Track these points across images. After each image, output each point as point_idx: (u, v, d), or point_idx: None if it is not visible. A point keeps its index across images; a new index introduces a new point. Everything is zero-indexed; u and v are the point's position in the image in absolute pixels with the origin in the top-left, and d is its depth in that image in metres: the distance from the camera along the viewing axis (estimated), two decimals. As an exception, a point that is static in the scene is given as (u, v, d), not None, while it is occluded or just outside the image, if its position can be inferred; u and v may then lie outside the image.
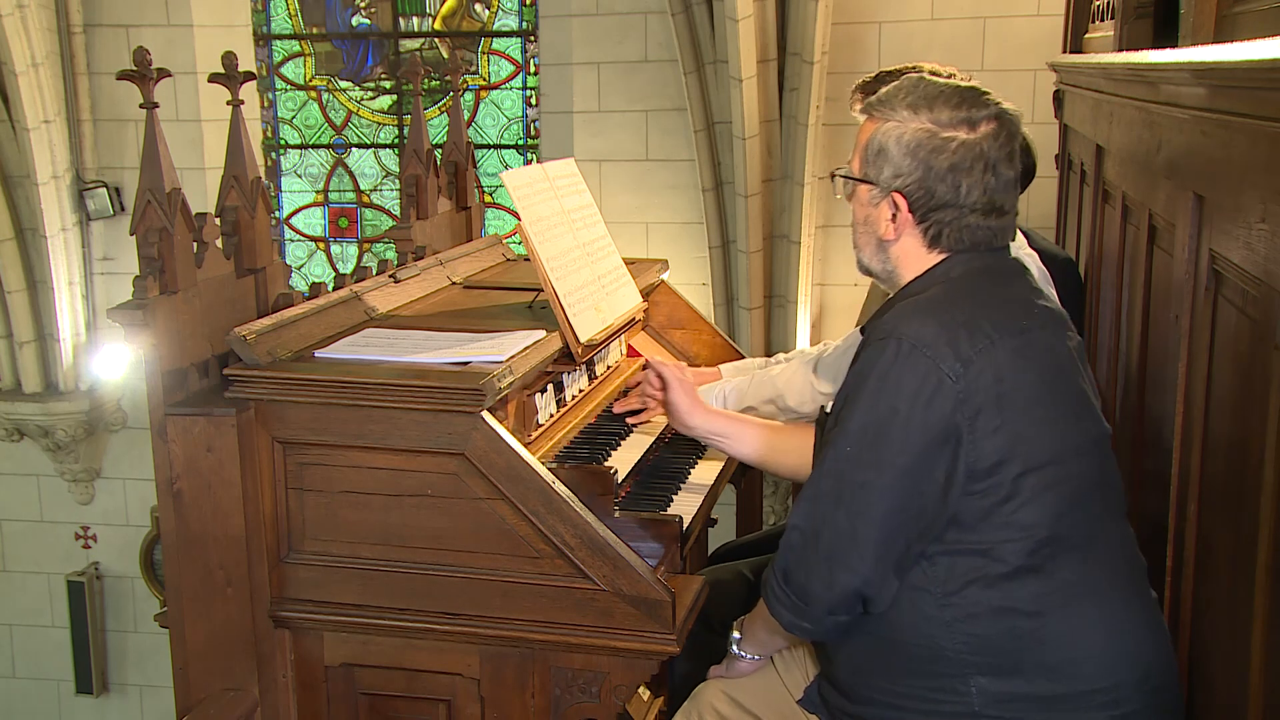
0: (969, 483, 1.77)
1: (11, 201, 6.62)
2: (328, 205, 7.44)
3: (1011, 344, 1.79)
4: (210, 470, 2.27)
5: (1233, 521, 1.74)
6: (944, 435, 1.75)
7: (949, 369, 1.74)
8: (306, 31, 7.25)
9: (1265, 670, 1.57)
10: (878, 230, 1.94)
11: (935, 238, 1.90)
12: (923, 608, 1.83)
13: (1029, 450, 1.78)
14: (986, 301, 1.85)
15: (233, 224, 2.50)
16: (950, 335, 1.77)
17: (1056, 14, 4.81)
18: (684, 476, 2.68)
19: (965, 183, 1.86)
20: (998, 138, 1.87)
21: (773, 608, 1.91)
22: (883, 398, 1.77)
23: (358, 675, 2.37)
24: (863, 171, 1.94)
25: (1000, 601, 1.80)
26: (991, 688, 1.81)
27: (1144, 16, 3.00)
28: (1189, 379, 2.01)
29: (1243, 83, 1.64)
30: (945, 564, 1.81)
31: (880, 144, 1.90)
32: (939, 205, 1.87)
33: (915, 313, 1.83)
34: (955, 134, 1.86)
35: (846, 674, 1.97)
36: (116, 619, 7.53)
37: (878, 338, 1.82)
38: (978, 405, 1.75)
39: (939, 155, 1.86)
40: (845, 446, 1.81)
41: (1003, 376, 1.77)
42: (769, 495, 6.14)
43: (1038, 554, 1.79)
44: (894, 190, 1.90)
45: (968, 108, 1.87)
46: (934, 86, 1.90)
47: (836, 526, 1.81)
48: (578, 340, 2.63)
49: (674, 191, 6.40)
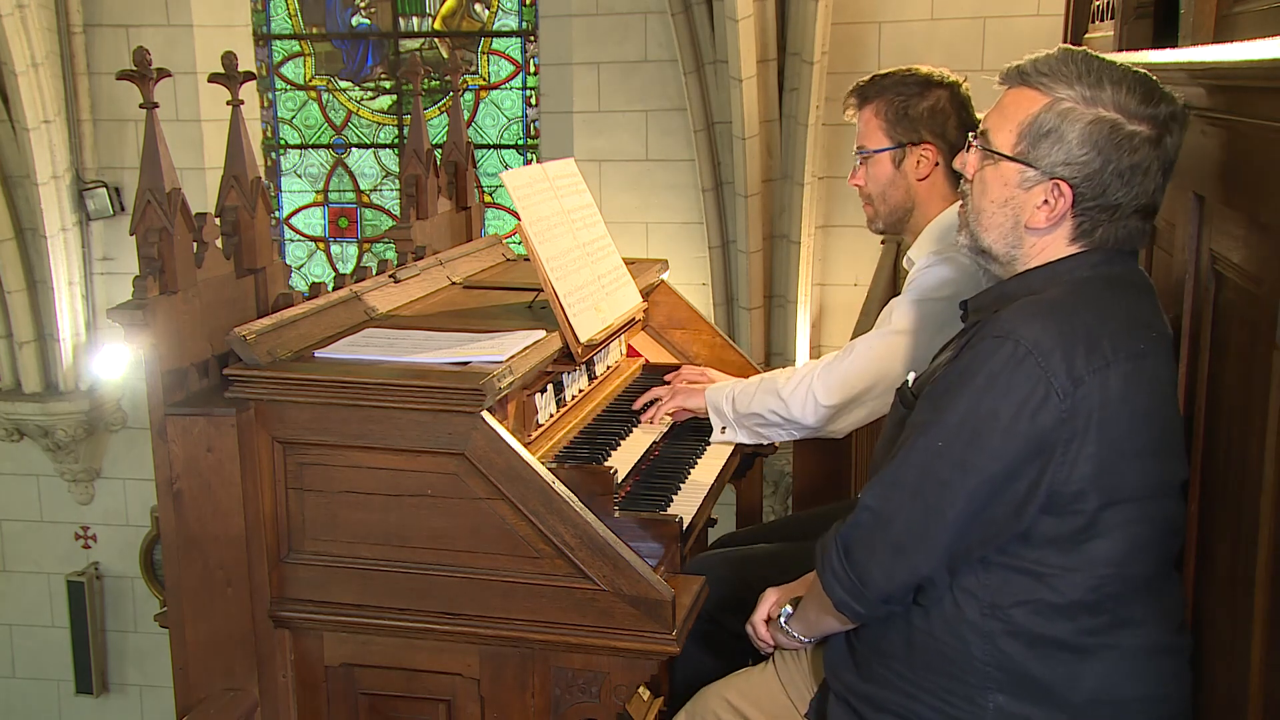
0: (1049, 503, 1.70)
1: (11, 201, 6.62)
2: (327, 205, 7.44)
3: (1125, 368, 1.69)
4: (210, 470, 2.27)
5: (1232, 521, 1.74)
6: (1039, 449, 1.68)
7: (1059, 385, 1.65)
8: (306, 31, 7.25)
9: (1265, 670, 1.57)
10: (1023, 215, 1.78)
11: (1087, 232, 1.76)
12: (966, 611, 1.78)
13: (1115, 483, 1.70)
14: (1111, 315, 1.73)
15: (233, 224, 2.50)
16: (1068, 349, 1.66)
17: (1056, 14, 4.80)
18: (684, 476, 2.68)
19: (1141, 183, 1.72)
20: (1179, 136, 1.74)
21: (826, 581, 1.85)
22: (986, 399, 1.68)
23: (358, 675, 2.37)
24: (1018, 149, 1.76)
25: (1046, 630, 1.75)
26: (1009, 708, 1.78)
27: (1144, 16, 2.99)
28: (1189, 379, 2.01)
29: (1243, 82, 1.63)
30: (1001, 576, 1.76)
31: (1053, 125, 1.72)
32: (1108, 204, 1.73)
33: (1038, 315, 1.71)
34: (1140, 128, 1.70)
35: (866, 651, 1.93)
36: (116, 619, 7.53)
37: (994, 335, 1.71)
38: (1077, 427, 1.67)
39: (1121, 151, 1.70)
40: (937, 440, 1.72)
41: (1109, 402, 1.68)
42: (769, 495, 6.14)
43: (1098, 591, 1.74)
44: (1059, 178, 1.74)
45: (1153, 102, 1.71)
46: (1110, 68, 1.72)
47: (910, 519, 1.75)
48: (578, 340, 2.63)
49: (674, 191, 6.40)
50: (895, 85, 2.62)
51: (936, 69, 2.65)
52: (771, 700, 2.17)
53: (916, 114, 2.59)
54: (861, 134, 2.67)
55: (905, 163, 2.62)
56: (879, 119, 2.63)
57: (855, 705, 1.94)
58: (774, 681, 2.19)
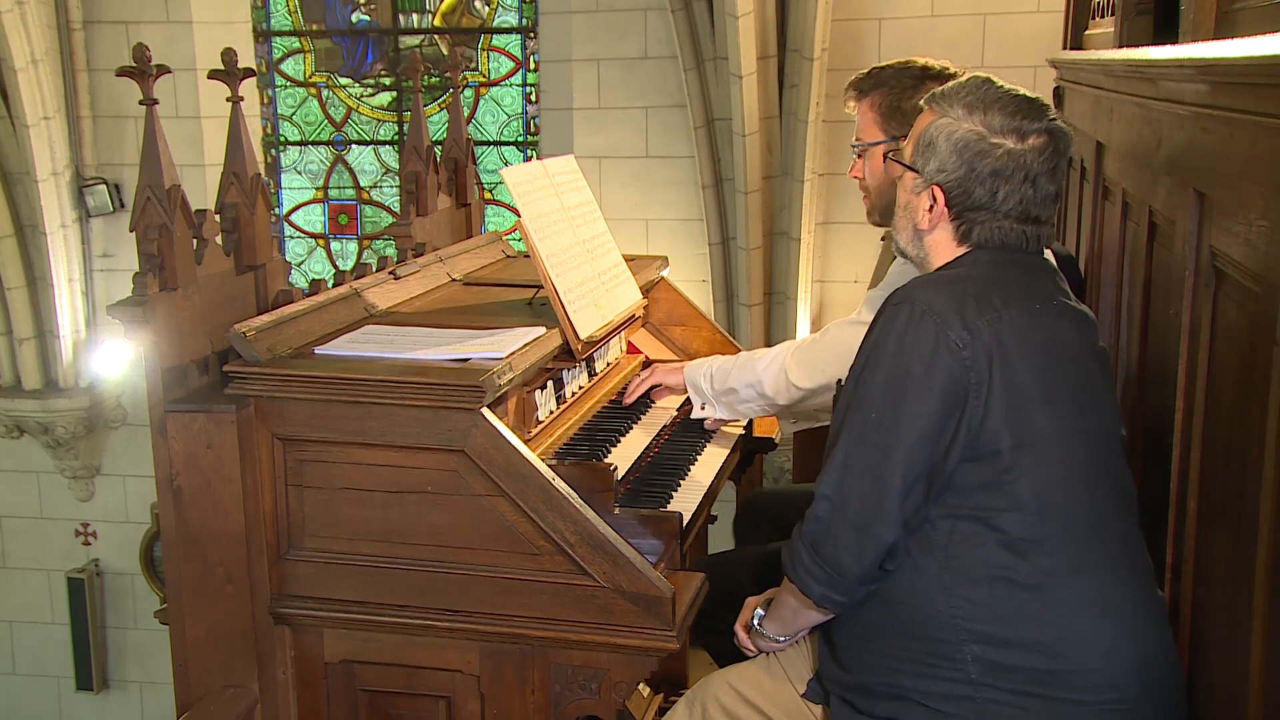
0: (967, 448, 1.82)
1: (11, 198, 6.62)
2: (327, 202, 7.44)
3: (1019, 321, 1.85)
4: (210, 467, 2.27)
5: (1232, 520, 1.74)
6: (954, 398, 1.81)
7: (956, 335, 1.80)
8: (306, 28, 7.24)
9: (1265, 670, 1.57)
10: (915, 217, 2.01)
11: (966, 234, 1.96)
12: (925, 569, 1.87)
13: (1022, 424, 1.82)
14: (1001, 282, 1.90)
15: (232, 221, 2.50)
16: (960, 304, 1.83)
17: (1057, 10, 4.81)
18: (684, 473, 2.68)
19: (1003, 190, 1.91)
20: (1044, 152, 1.91)
21: (802, 581, 1.93)
22: (899, 361, 1.83)
23: (358, 672, 2.37)
24: (912, 159, 2.00)
25: (999, 570, 1.83)
26: (987, 656, 1.84)
27: (1144, 13, 2.99)
28: (1189, 376, 2.01)
29: (1243, 79, 1.63)
30: (946, 527, 1.86)
31: (932, 137, 1.95)
32: (974, 206, 1.93)
33: (931, 282, 1.91)
34: (1003, 141, 1.91)
35: (843, 640, 2.00)
36: (116, 615, 7.54)
37: (893, 303, 1.88)
38: (981, 373, 1.81)
39: (983, 159, 1.91)
40: (870, 412, 1.86)
41: (1007, 349, 1.82)
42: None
43: (1038, 529, 1.83)
44: (935, 183, 1.96)
45: (1021, 118, 1.91)
46: (995, 91, 1.94)
47: (862, 494, 1.85)
48: (578, 337, 2.63)
49: (674, 188, 6.40)
50: (890, 79, 2.64)
51: (937, 61, 2.66)
52: (772, 682, 2.20)
53: (909, 108, 2.58)
54: (858, 127, 2.70)
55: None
56: (874, 112, 2.65)
57: (850, 699, 1.99)
58: (774, 664, 2.22)
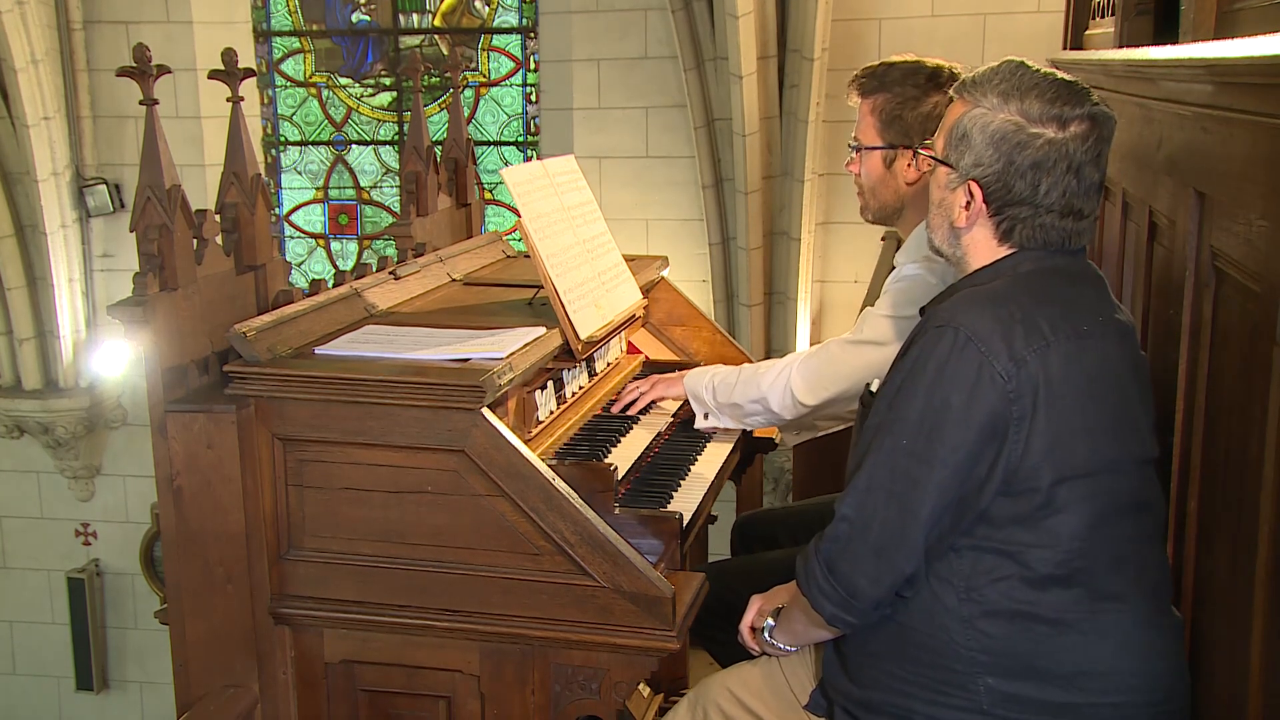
0: (1006, 483, 1.75)
1: (11, 198, 6.62)
2: (328, 202, 7.44)
3: (1067, 347, 1.76)
4: (210, 467, 2.27)
5: (1232, 519, 1.74)
6: (993, 432, 1.73)
7: (1001, 367, 1.72)
8: (306, 28, 7.24)
9: (1265, 668, 1.57)
10: (951, 215, 1.90)
11: (1007, 232, 1.86)
12: (944, 599, 1.82)
13: (1065, 459, 1.75)
14: (1050, 300, 1.80)
15: (233, 221, 2.50)
16: (1006, 332, 1.74)
17: (1057, 10, 4.80)
18: (684, 473, 2.68)
19: (1045, 182, 1.81)
20: (1087, 139, 1.81)
21: (815, 600, 1.88)
22: (938, 390, 1.75)
23: (358, 672, 2.37)
24: (945, 153, 1.89)
25: (1022, 606, 1.78)
26: (1000, 688, 1.80)
27: (1144, 13, 2.99)
28: (1189, 376, 2.01)
29: (1243, 79, 1.63)
30: (971, 559, 1.80)
31: (965, 129, 1.84)
32: (1015, 201, 1.83)
33: (975, 303, 1.80)
34: (1043, 130, 1.80)
35: (855, 655, 1.96)
36: (117, 616, 7.54)
37: (935, 325, 1.78)
38: (1025, 406, 1.73)
39: (1022, 150, 1.80)
40: (901, 439, 1.78)
41: (1052, 381, 1.74)
42: (769, 492, 6.14)
43: (1067, 565, 1.77)
44: (971, 179, 1.85)
45: (1061, 104, 1.80)
46: (1031, 76, 1.82)
47: (886, 520, 1.79)
48: (578, 337, 2.63)
49: (674, 188, 6.40)
50: (896, 83, 2.56)
51: (946, 64, 2.58)
52: (773, 691, 2.18)
53: (911, 119, 2.54)
54: (858, 125, 2.64)
55: (896, 164, 2.59)
56: (873, 116, 2.59)
57: (854, 712, 1.96)
58: (776, 673, 2.20)
